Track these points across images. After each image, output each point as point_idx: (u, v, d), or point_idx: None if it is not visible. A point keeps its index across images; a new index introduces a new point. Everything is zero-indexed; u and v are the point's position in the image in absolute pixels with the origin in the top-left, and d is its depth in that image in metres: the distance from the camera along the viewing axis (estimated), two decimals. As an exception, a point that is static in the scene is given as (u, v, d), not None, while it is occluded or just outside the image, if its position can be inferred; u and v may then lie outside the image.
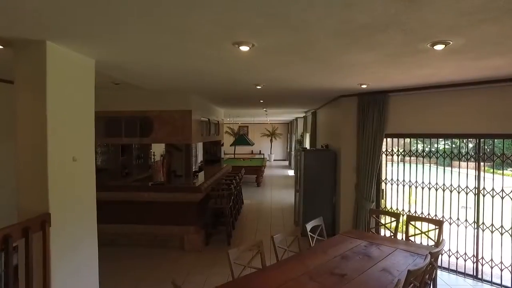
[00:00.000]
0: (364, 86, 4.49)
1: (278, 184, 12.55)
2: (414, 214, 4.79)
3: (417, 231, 3.84)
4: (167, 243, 5.67)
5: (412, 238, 3.85)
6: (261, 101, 7.00)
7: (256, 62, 3.12)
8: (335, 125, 6.37)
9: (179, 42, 2.46)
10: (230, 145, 14.96)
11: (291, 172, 15.14)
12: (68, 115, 2.66)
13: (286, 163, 20.00)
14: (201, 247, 5.52)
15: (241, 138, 14.73)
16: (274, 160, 21.72)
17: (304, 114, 12.27)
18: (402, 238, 4.03)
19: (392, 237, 3.91)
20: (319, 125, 8.54)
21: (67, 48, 2.59)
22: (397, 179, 5.13)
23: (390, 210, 5.20)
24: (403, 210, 5.03)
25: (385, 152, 5.29)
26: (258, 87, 4.59)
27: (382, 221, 4.54)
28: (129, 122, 5.94)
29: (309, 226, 3.73)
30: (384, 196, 5.33)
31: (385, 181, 5.32)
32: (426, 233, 3.73)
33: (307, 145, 11.59)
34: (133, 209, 5.71)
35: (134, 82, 4.32)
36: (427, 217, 4.62)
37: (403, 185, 5.03)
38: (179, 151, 6.35)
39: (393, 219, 4.08)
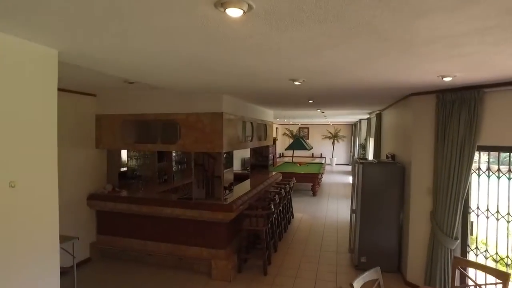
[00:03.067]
0: (447, 79, 3.13)
1: (337, 194, 11.15)
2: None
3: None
4: (194, 266, 4.89)
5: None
6: (310, 101, 5.85)
7: (266, 42, 2.06)
8: (404, 131, 4.98)
9: (138, 13, 1.55)
10: (285, 149, 13.89)
11: (352, 180, 13.55)
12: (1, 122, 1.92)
13: (349, 168, 18.24)
14: (231, 275, 4.61)
15: (297, 141, 13.56)
16: (335, 164, 20.11)
17: (367, 116, 10.71)
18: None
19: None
20: (384, 130, 7.08)
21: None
22: (497, 210, 3.61)
23: (485, 255, 3.69)
24: (507, 257, 3.49)
25: (476, 171, 3.80)
26: (296, 83, 3.51)
27: (473, 273, 3.13)
28: (153, 127, 5.29)
29: (358, 284, 2.55)
30: (475, 232, 3.83)
31: (476, 211, 3.83)
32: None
33: (370, 151, 10.04)
34: (159, 224, 5.06)
35: (134, 78, 3.58)
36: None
37: (508, 220, 3.51)
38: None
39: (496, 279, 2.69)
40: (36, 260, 2.18)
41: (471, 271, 3.45)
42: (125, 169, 6.25)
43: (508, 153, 3.52)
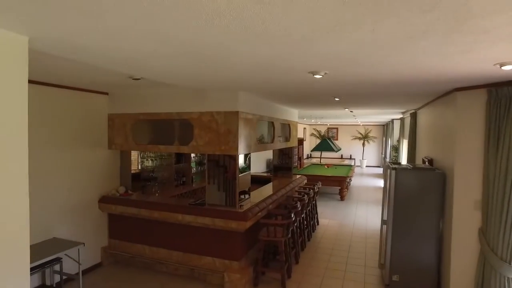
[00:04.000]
0: (507, 68, 2.51)
1: (366, 199, 10.43)
2: None
3: None
4: (207, 278, 4.52)
5: None
6: (336, 99, 5.29)
7: (267, 17, 1.60)
8: (444, 132, 4.32)
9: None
10: (311, 151, 13.29)
11: (384, 184, 12.70)
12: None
13: (380, 170, 17.29)
14: (245, 290, 4.20)
15: (324, 143, 12.91)
16: (366, 166, 19.18)
17: (400, 116, 9.91)
18: None
19: None
20: (420, 131, 6.37)
21: None
22: None
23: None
24: None
25: (540, 181, 3.12)
26: (317, 76, 3.01)
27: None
28: (167, 127, 4.98)
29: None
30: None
31: (539, 230, 3.14)
32: None
33: (403, 154, 9.26)
34: (171, 231, 4.75)
35: (129, 71, 3.23)
36: None
37: None
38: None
39: None
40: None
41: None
42: (140, 170, 6.00)
43: None
